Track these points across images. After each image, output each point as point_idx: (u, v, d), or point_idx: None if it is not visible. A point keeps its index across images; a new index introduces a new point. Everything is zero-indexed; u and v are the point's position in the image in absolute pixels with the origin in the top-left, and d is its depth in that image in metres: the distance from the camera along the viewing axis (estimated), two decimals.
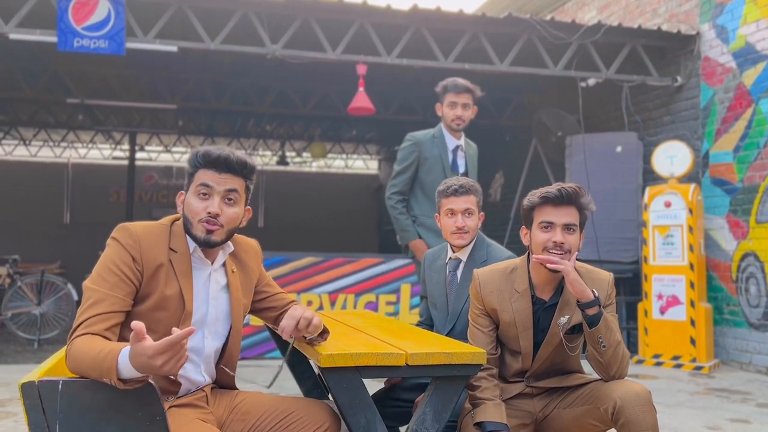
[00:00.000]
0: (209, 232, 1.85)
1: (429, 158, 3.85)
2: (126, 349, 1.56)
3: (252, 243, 2.13)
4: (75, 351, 1.67)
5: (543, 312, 2.16)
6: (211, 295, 1.93)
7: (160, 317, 1.81)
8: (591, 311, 2.00)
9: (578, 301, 2.01)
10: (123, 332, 1.78)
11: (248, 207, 1.98)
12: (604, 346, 2.00)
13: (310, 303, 5.97)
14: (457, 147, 3.91)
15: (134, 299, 1.80)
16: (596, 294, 2.01)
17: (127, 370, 1.55)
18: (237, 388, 2.06)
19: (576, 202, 2.11)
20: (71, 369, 1.69)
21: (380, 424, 1.90)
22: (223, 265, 1.98)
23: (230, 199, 1.88)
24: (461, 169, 3.87)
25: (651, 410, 1.93)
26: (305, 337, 1.95)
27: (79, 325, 1.72)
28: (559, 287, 2.17)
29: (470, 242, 2.62)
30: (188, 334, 1.50)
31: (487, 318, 2.20)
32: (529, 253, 2.21)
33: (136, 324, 1.49)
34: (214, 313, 1.93)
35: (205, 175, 1.86)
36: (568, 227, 2.09)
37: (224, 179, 1.87)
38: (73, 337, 1.70)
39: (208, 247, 1.89)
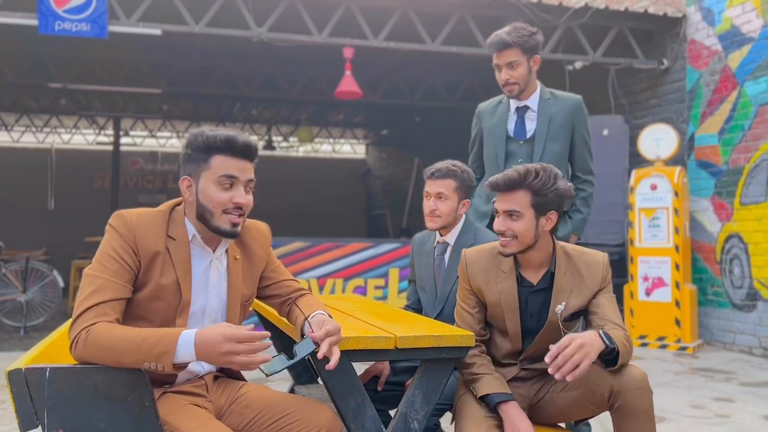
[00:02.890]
0: (235, 224, 1.79)
1: (486, 129, 3.23)
2: (189, 332, 1.60)
3: (261, 227, 2.03)
4: (100, 336, 1.62)
5: (531, 295, 2.14)
6: (211, 283, 1.86)
7: (156, 307, 1.77)
8: (608, 357, 1.91)
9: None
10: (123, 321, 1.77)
11: None
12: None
13: None
14: (520, 108, 3.16)
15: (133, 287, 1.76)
16: (607, 341, 1.85)
17: (186, 354, 1.58)
18: (244, 379, 2.02)
19: (522, 186, 2.03)
20: (88, 355, 1.63)
21: (370, 407, 1.90)
22: (226, 251, 1.91)
23: (250, 188, 1.83)
24: (529, 134, 3.12)
25: (648, 394, 1.92)
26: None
27: (86, 311, 1.66)
28: (548, 273, 2.14)
29: (443, 227, 2.61)
30: (263, 337, 1.59)
31: (473, 298, 2.19)
32: None
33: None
34: (215, 302, 1.88)
35: (227, 163, 1.78)
36: (509, 214, 2.05)
37: (245, 167, 1.81)
38: (86, 325, 1.64)
39: (233, 237, 1.84)
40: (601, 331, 1.88)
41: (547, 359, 1.80)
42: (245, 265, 1.95)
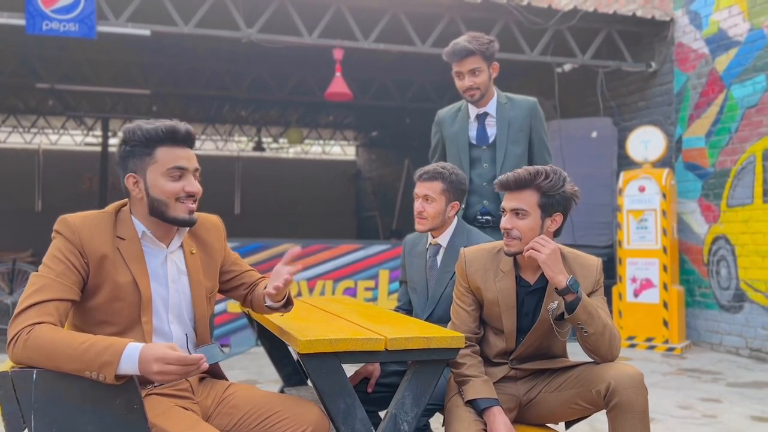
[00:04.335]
0: (191, 211, 1.81)
1: (448, 137, 3.30)
2: (135, 345, 1.57)
3: (213, 220, 2.03)
4: (43, 339, 1.58)
5: (528, 295, 2.16)
6: (170, 278, 1.85)
7: (118, 307, 1.76)
8: (567, 298, 2.00)
9: (555, 288, 2.02)
10: (78, 322, 1.77)
11: None
12: (585, 332, 2.01)
13: None
14: (480, 115, 3.24)
15: (82, 291, 1.74)
16: (570, 281, 1.98)
17: (130, 366, 1.55)
18: (226, 378, 2.02)
19: (531, 185, 2.08)
20: (26, 357, 1.59)
21: (360, 408, 1.90)
22: (182, 246, 1.91)
23: (197, 176, 1.84)
24: (491, 139, 3.22)
25: (643, 392, 1.95)
26: (270, 308, 1.94)
27: (27, 308, 1.63)
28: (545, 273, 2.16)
29: (431, 228, 2.62)
30: (199, 360, 1.57)
31: (471, 296, 2.21)
32: None
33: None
34: (176, 296, 1.86)
35: (172, 154, 1.79)
36: (516, 212, 2.10)
37: (190, 156, 1.83)
38: (27, 324, 1.61)
39: (191, 225, 1.84)
40: (572, 277, 2.01)
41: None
42: (203, 258, 1.94)
